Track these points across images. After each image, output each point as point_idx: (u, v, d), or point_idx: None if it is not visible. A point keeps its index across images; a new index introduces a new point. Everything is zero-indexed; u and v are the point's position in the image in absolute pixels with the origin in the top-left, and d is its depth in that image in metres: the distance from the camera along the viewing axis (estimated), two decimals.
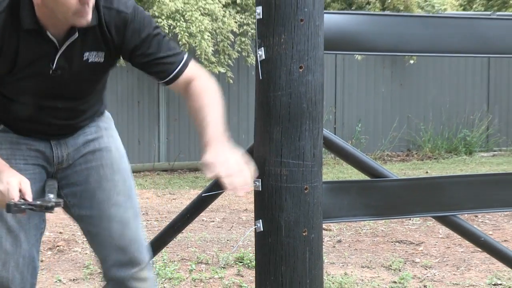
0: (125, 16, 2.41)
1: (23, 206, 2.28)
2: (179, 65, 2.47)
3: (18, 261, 2.56)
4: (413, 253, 5.63)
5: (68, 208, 2.66)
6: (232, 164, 2.23)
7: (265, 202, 2.39)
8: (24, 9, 2.35)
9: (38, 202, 2.33)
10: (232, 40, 10.05)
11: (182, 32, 9.34)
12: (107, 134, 2.69)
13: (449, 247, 5.78)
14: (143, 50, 2.45)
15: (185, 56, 2.50)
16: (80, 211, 2.63)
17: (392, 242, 5.99)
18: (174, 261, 5.26)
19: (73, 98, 2.56)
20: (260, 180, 2.40)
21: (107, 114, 2.76)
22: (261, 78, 2.38)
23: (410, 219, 6.62)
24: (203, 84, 2.49)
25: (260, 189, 2.40)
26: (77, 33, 2.39)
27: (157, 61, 2.46)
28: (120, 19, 2.41)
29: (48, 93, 2.50)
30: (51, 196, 2.46)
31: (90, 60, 2.45)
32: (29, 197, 2.30)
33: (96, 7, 2.39)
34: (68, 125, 2.62)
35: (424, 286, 4.72)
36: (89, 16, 2.33)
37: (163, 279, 4.79)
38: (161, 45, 2.46)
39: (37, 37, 2.38)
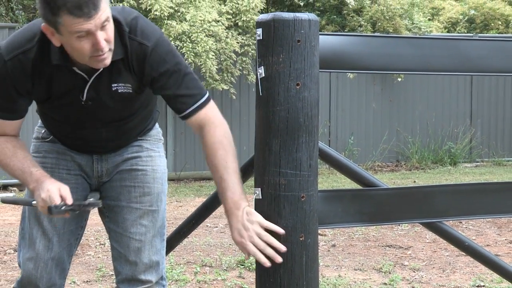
0: (145, 49, 2.33)
1: (63, 208, 2.30)
2: (191, 107, 2.40)
3: (47, 263, 2.59)
4: (402, 256, 5.62)
5: (103, 217, 2.68)
6: (258, 240, 2.25)
7: (265, 209, 2.38)
8: (53, 46, 2.30)
9: (77, 203, 2.36)
10: (235, 59, 10.06)
11: (188, 52, 9.35)
12: (148, 154, 2.64)
13: (435, 251, 5.76)
14: (161, 84, 2.37)
15: (202, 99, 2.41)
16: (109, 224, 2.65)
17: (382, 246, 5.97)
18: (180, 264, 5.24)
19: (112, 122, 2.51)
20: (260, 189, 2.39)
21: (155, 131, 2.68)
22: (261, 94, 2.38)
23: (399, 225, 6.61)
24: (216, 136, 2.40)
25: (260, 197, 2.39)
26: (100, 67, 2.32)
27: (172, 97, 2.39)
28: (141, 51, 2.34)
29: (86, 119, 2.47)
30: (91, 199, 2.50)
31: (119, 91, 2.40)
32: (69, 201, 2.31)
33: (122, 41, 2.32)
34: (111, 145, 2.59)
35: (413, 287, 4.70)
36: (106, 61, 2.26)
37: (170, 280, 4.78)
38: (179, 82, 2.37)
39: (66, 71, 2.35)
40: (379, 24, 11.41)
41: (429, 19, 13.44)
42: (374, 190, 2.57)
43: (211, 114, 2.43)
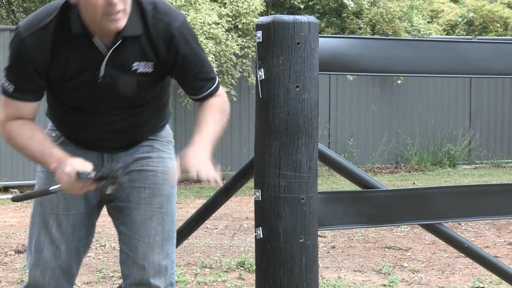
0: (172, 29, 2.34)
1: (89, 176, 2.27)
2: (208, 90, 2.44)
3: (55, 271, 2.53)
4: (401, 258, 5.61)
5: (113, 219, 2.60)
6: (200, 163, 2.29)
7: (265, 211, 2.38)
8: (73, 15, 2.29)
9: (102, 173, 2.33)
10: (235, 61, 10.06)
11: None
12: (158, 155, 2.59)
13: (434, 253, 5.76)
14: (185, 64, 2.38)
15: (216, 82, 2.46)
16: (119, 227, 2.58)
17: (382, 248, 5.97)
18: (181, 265, 5.24)
19: (127, 108, 2.46)
20: (260, 190, 2.39)
21: (166, 132, 2.65)
22: (261, 96, 2.38)
23: (398, 227, 6.60)
24: (216, 102, 2.46)
25: (260, 199, 2.39)
26: (121, 38, 2.30)
27: (192, 79, 2.42)
28: (168, 32, 2.34)
29: (100, 101, 2.42)
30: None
31: (139, 70, 2.37)
32: (93, 173, 2.30)
33: (143, 17, 2.32)
34: (124, 139, 2.53)
35: None
36: (121, 22, 2.25)
37: None
38: (200, 64, 2.41)
39: (84, 43, 2.32)
40: (379, 26, 11.41)
41: (428, 22, 13.45)
42: (374, 192, 2.57)
43: (221, 92, 2.49)
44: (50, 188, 2.36)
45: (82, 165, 2.29)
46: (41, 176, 2.57)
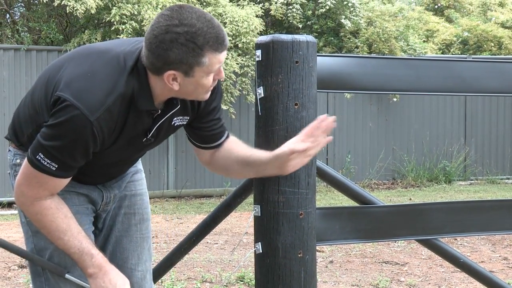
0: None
1: None
2: (225, 134, 2.36)
3: None
4: (398, 272, 5.59)
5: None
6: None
7: (264, 226, 2.38)
8: (142, 92, 2.07)
9: None
10: (234, 80, 10.08)
11: None
12: (141, 176, 2.48)
13: (431, 267, 5.74)
14: (213, 114, 2.28)
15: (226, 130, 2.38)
16: (106, 256, 2.34)
17: (379, 262, 5.95)
18: (181, 280, 5.22)
19: (143, 153, 2.35)
20: (259, 206, 2.39)
21: None
22: (260, 114, 2.38)
23: (395, 242, 6.59)
24: (232, 140, 2.38)
25: (260, 214, 2.39)
26: (179, 104, 2.15)
27: (215, 126, 2.30)
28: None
29: (128, 156, 2.28)
30: None
31: (176, 124, 2.24)
32: None
33: None
34: (123, 171, 2.41)
35: None
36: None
37: None
38: (220, 111, 2.34)
39: (144, 113, 2.12)
40: (375, 45, 11.45)
41: (423, 41, 13.49)
42: (371, 207, 2.56)
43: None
44: (67, 276, 2.18)
45: (123, 284, 2.13)
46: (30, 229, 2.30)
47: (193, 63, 2.00)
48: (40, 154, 2.08)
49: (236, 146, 2.35)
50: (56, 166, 2.08)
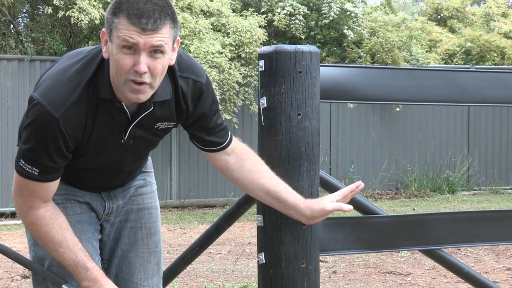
0: (201, 86, 2.18)
1: None
2: (227, 139, 2.29)
3: None
4: (402, 283, 5.58)
5: (103, 263, 2.36)
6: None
7: (267, 237, 2.38)
8: (102, 77, 2.06)
9: None
10: (237, 90, 10.10)
11: None
12: (151, 189, 2.44)
13: (434, 278, 5.72)
14: (206, 120, 2.23)
15: (229, 131, 2.33)
16: (112, 269, 2.36)
17: (382, 273, 5.93)
18: None
19: (137, 158, 2.30)
20: (262, 216, 2.39)
21: (149, 160, 2.47)
22: (263, 124, 2.38)
23: (399, 252, 6.57)
24: (251, 156, 2.31)
25: (263, 225, 2.39)
26: (152, 107, 2.11)
27: (212, 132, 2.25)
28: (196, 88, 2.17)
29: (114, 159, 2.22)
30: None
31: (160, 128, 2.19)
32: None
33: (174, 80, 2.13)
34: (125, 179, 2.36)
35: None
36: (143, 95, 2.03)
37: None
38: (218, 117, 2.27)
39: (111, 107, 2.09)
40: (378, 55, 11.46)
41: (426, 51, 13.51)
42: (374, 217, 2.56)
43: (236, 141, 2.35)
44: (64, 287, 2.16)
45: None
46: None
47: (110, 22, 2.00)
48: (21, 160, 2.09)
49: (259, 169, 2.27)
50: (38, 171, 2.08)
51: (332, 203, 2.25)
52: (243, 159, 2.30)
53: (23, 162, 2.09)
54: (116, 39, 1.99)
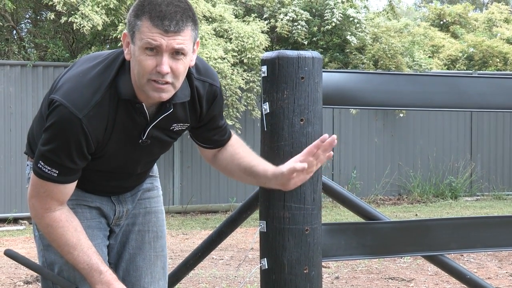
0: (216, 90, 2.23)
1: None
2: (228, 133, 2.36)
3: None
4: None
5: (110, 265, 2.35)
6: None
7: (270, 242, 2.38)
8: (124, 78, 2.10)
9: None
10: (240, 95, 10.10)
11: None
12: (158, 194, 2.47)
13: (437, 284, 5.71)
14: (215, 122, 2.29)
15: (228, 128, 2.38)
16: (119, 273, 2.36)
17: (385, 278, 5.92)
18: None
19: (150, 162, 2.34)
20: (265, 222, 2.39)
21: (155, 166, 2.50)
22: (265, 129, 2.39)
23: (401, 258, 6.56)
24: (238, 141, 2.38)
25: (265, 230, 2.39)
26: (171, 108, 2.14)
27: (218, 131, 2.31)
28: (211, 92, 2.22)
29: (129, 161, 2.25)
30: None
31: (175, 129, 2.23)
32: None
33: (190, 83, 2.17)
34: (135, 183, 2.38)
35: None
36: (165, 94, 2.06)
37: None
38: (223, 119, 2.34)
39: (131, 109, 2.12)
40: (381, 61, 11.46)
41: (429, 57, 13.51)
42: (377, 223, 2.56)
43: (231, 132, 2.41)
44: None
45: None
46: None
47: (133, 25, 2.03)
48: (40, 162, 2.11)
49: (240, 151, 2.35)
50: (57, 172, 2.10)
51: (287, 164, 2.19)
52: (229, 144, 2.36)
53: (42, 164, 2.10)
54: (139, 41, 2.03)
